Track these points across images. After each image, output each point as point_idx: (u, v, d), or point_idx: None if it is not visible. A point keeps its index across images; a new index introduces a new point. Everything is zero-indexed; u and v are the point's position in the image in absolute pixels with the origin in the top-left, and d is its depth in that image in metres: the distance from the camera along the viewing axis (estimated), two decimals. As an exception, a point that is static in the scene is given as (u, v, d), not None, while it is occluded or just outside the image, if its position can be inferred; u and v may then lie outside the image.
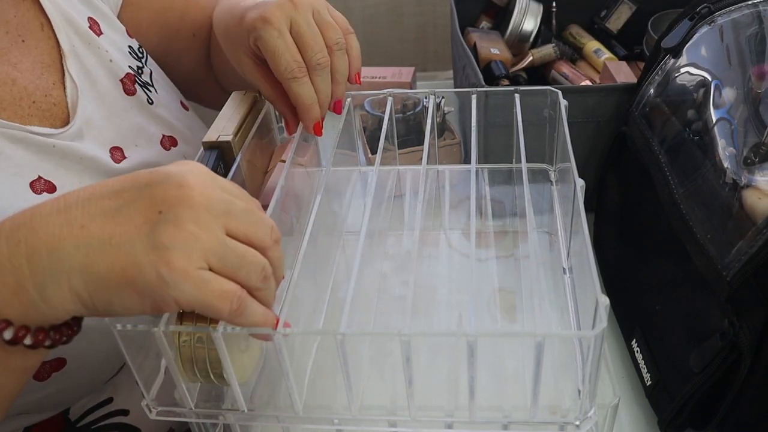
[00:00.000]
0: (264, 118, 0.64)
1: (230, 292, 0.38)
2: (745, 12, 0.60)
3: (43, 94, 0.59)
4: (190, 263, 0.37)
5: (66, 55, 0.61)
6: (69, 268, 0.37)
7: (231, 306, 0.38)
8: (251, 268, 0.39)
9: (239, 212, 0.39)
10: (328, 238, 0.68)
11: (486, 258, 0.69)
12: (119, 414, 0.64)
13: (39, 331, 0.39)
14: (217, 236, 0.38)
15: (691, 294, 0.57)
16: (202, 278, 0.37)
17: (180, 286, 0.37)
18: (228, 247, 0.38)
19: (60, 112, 0.60)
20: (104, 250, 0.37)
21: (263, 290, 0.41)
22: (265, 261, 0.40)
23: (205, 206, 0.38)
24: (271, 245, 0.41)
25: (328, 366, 0.56)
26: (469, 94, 0.65)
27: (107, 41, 0.66)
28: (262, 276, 0.40)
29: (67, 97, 0.60)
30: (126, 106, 0.65)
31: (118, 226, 0.37)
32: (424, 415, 0.46)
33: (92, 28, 0.65)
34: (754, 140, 0.51)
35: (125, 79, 0.66)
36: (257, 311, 0.40)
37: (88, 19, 0.65)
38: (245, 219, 0.40)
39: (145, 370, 0.47)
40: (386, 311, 0.64)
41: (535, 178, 0.66)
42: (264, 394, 0.53)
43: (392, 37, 1.41)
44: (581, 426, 0.44)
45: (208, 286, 0.37)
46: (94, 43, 0.64)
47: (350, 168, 0.72)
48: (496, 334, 0.54)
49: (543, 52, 0.98)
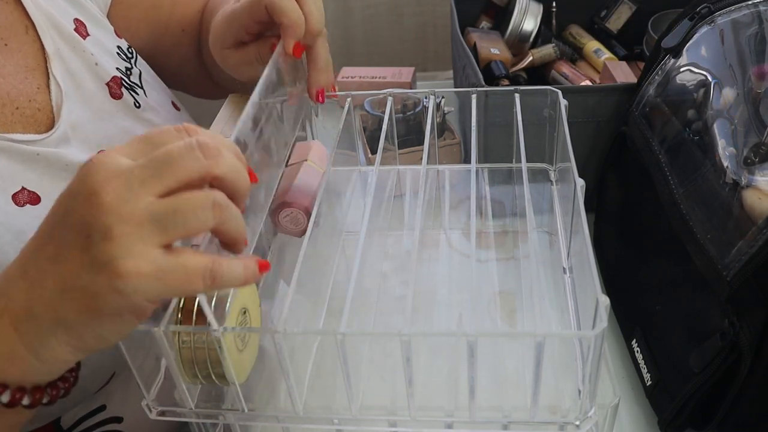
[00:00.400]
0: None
1: (196, 267, 0.36)
2: (745, 12, 0.60)
3: (27, 99, 0.58)
4: (138, 262, 0.35)
5: (50, 58, 0.60)
6: (49, 327, 0.37)
7: (203, 281, 0.36)
8: (199, 212, 0.36)
9: (155, 166, 0.36)
10: (328, 238, 0.68)
11: (486, 258, 0.69)
12: (113, 421, 0.63)
13: (36, 390, 0.39)
14: (146, 214, 0.35)
15: (691, 294, 0.57)
16: (158, 269, 0.35)
17: (142, 288, 0.35)
18: (162, 214, 0.35)
19: (44, 118, 0.58)
20: (65, 297, 0.36)
21: (225, 223, 0.37)
22: (207, 193, 0.36)
23: (118, 200, 0.35)
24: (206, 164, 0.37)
25: (328, 366, 0.56)
26: (469, 94, 0.65)
27: (94, 43, 0.65)
28: (217, 210, 0.37)
29: (51, 101, 0.59)
30: (112, 110, 0.64)
31: (65, 268, 0.36)
32: (424, 415, 0.46)
33: (78, 29, 0.64)
34: (754, 140, 0.51)
35: (111, 83, 0.65)
36: (235, 271, 0.38)
37: (75, 20, 0.64)
38: (165, 166, 0.36)
39: (145, 370, 0.47)
40: (386, 311, 0.64)
41: (535, 178, 0.66)
42: (264, 394, 0.53)
43: (392, 37, 1.41)
44: (581, 426, 0.44)
45: (169, 276, 0.36)
46: (80, 46, 0.63)
47: (350, 168, 0.72)
48: (496, 334, 0.54)
49: (543, 52, 0.98)
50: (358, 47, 1.43)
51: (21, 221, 0.54)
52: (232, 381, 0.45)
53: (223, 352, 0.43)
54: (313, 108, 0.71)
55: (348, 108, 0.65)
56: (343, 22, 1.39)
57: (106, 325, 0.37)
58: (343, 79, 1.07)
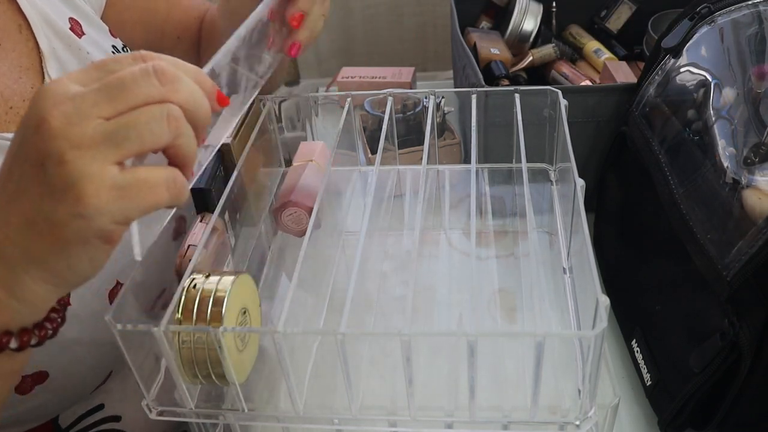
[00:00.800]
0: (263, 120, 0.64)
1: (158, 180, 0.35)
2: (745, 12, 0.60)
3: (21, 99, 0.57)
4: (95, 182, 0.34)
5: (46, 57, 0.60)
6: (20, 265, 0.36)
7: (169, 191, 0.36)
8: (152, 126, 0.35)
9: (107, 89, 0.35)
10: (328, 238, 0.68)
11: (486, 258, 0.69)
12: (111, 420, 0.63)
13: (23, 332, 0.39)
14: (97, 134, 0.34)
15: (691, 294, 0.57)
16: (118, 187, 0.34)
17: (105, 209, 0.34)
18: (114, 132, 0.34)
19: None
20: (31, 233, 0.35)
21: (180, 137, 0.36)
22: (161, 106, 0.35)
23: (67, 124, 0.34)
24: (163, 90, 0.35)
25: (328, 366, 0.56)
26: (469, 94, 0.65)
27: (89, 42, 0.65)
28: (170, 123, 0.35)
29: None
30: None
31: (25, 203, 0.35)
32: (424, 415, 0.46)
33: (73, 29, 0.64)
34: (754, 140, 0.51)
35: None
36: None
37: (70, 19, 0.64)
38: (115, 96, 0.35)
39: (145, 370, 0.47)
40: (386, 311, 0.64)
41: (535, 177, 0.66)
42: (264, 394, 0.53)
43: (392, 37, 1.41)
44: (581, 426, 0.44)
45: (131, 192, 0.35)
46: (75, 44, 0.63)
47: (350, 168, 0.72)
48: (496, 334, 0.54)
49: (543, 52, 0.98)
50: (358, 47, 1.43)
51: None
52: (232, 381, 0.45)
53: (223, 352, 0.43)
54: (313, 108, 0.71)
55: (348, 108, 0.65)
56: (343, 22, 1.40)
57: (75, 255, 0.36)
58: (343, 79, 1.07)
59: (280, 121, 0.72)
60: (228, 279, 0.45)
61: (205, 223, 0.52)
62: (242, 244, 0.61)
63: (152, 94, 0.35)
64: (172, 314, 0.44)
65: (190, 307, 0.44)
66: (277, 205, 0.62)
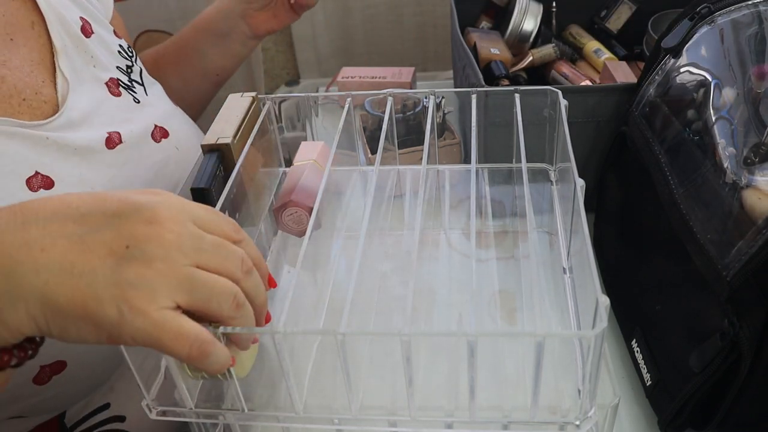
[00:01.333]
0: (263, 120, 0.64)
1: (189, 334, 0.37)
2: (745, 12, 0.60)
3: (33, 92, 0.59)
4: (153, 303, 0.36)
5: (58, 53, 0.62)
6: (28, 293, 0.36)
7: (189, 350, 0.37)
8: (222, 298, 0.39)
9: (209, 247, 0.39)
10: (328, 238, 0.68)
11: (486, 258, 0.69)
12: (115, 420, 0.64)
13: (3, 352, 0.38)
14: (185, 272, 0.37)
15: (691, 294, 0.57)
16: (161, 319, 0.36)
17: (138, 324, 0.36)
18: (196, 280, 0.38)
19: (50, 109, 0.59)
20: (65, 278, 0.36)
21: (238, 318, 0.40)
22: (236, 289, 0.40)
23: (176, 244, 0.37)
24: (242, 277, 0.40)
25: (328, 366, 0.56)
26: (469, 94, 0.65)
27: (97, 41, 0.67)
28: (234, 304, 0.39)
29: (57, 93, 0.60)
30: (113, 105, 0.66)
31: (82, 254, 0.36)
32: (424, 415, 0.46)
33: (84, 28, 0.65)
34: (754, 140, 0.51)
35: (109, 83, 0.66)
36: (221, 358, 0.40)
37: (80, 18, 0.66)
38: (215, 253, 0.39)
39: (145, 370, 0.47)
40: (386, 311, 0.64)
41: (535, 178, 0.66)
42: (264, 394, 0.53)
43: (392, 37, 1.41)
44: (581, 426, 0.44)
45: (165, 326, 0.36)
46: (82, 45, 0.65)
47: (350, 168, 0.72)
48: (496, 334, 0.54)
49: (543, 52, 0.98)
50: (358, 47, 1.43)
51: None
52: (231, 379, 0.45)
53: (223, 352, 0.43)
54: (313, 108, 0.71)
55: (348, 108, 0.65)
56: (343, 22, 1.39)
57: (81, 326, 0.37)
58: (343, 79, 1.07)
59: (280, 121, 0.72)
60: (228, 279, 0.45)
61: (205, 223, 0.52)
62: (242, 244, 0.61)
63: (234, 273, 0.40)
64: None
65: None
66: (278, 205, 0.62)
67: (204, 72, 0.87)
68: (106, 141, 0.62)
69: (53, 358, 0.56)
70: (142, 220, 0.37)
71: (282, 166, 0.71)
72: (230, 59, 0.86)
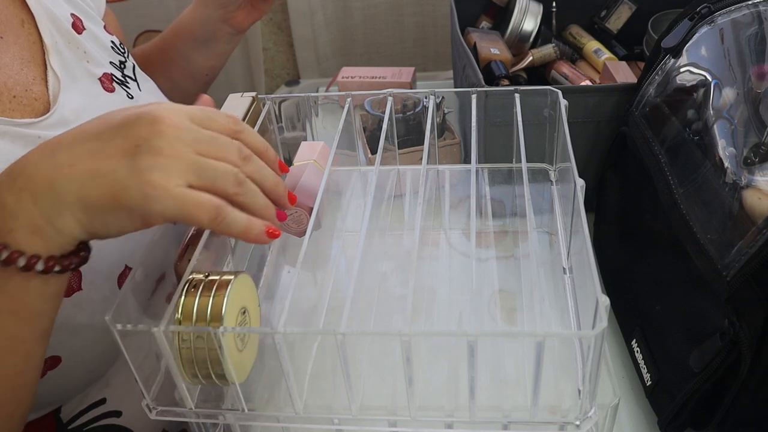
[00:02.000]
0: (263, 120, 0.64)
1: (208, 203, 0.43)
2: (745, 12, 0.60)
3: (24, 89, 0.59)
4: (169, 181, 0.42)
5: (49, 51, 0.61)
6: (69, 201, 0.42)
7: (209, 215, 0.42)
8: (226, 177, 0.44)
9: (207, 138, 0.44)
10: (328, 238, 0.69)
11: (486, 258, 0.69)
12: (112, 415, 0.64)
13: (49, 258, 0.44)
14: (191, 157, 0.43)
15: (691, 294, 0.57)
16: (181, 193, 0.42)
17: (163, 201, 0.41)
18: (200, 164, 0.43)
19: (41, 107, 0.59)
20: (95, 180, 0.42)
21: (242, 194, 0.45)
22: (235, 170, 0.45)
23: (177, 136, 0.43)
24: (240, 163, 0.46)
25: (328, 366, 0.56)
26: (469, 94, 0.65)
27: (89, 37, 0.66)
28: (236, 181, 0.44)
29: (48, 91, 0.60)
30: (107, 101, 0.65)
31: (103, 161, 0.42)
32: (424, 415, 0.46)
33: (75, 24, 0.65)
34: (754, 140, 0.51)
35: (103, 79, 0.66)
36: (238, 219, 0.44)
37: (71, 15, 0.66)
38: (213, 143, 0.45)
39: (145, 370, 0.47)
40: (386, 311, 0.64)
41: (535, 178, 0.66)
42: (264, 394, 0.53)
43: (392, 37, 1.41)
44: (581, 426, 0.44)
45: (187, 198, 0.42)
46: (75, 41, 0.64)
47: (350, 168, 0.72)
48: (496, 334, 0.54)
49: (543, 52, 0.98)
50: (358, 47, 1.43)
51: None
52: (232, 381, 0.45)
53: (223, 352, 0.43)
54: (313, 108, 0.71)
55: (348, 108, 0.65)
56: (343, 22, 1.39)
57: (117, 216, 0.43)
58: (343, 79, 1.07)
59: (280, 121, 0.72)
60: (228, 279, 0.45)
61: (205, 223, 0.52)
62: (242, 244, 0.61)
63: (233, 159, 0.45)
64: (172, 314, 0.44)
65: (189, 307, 0.44)
66: None
67: (192, 74, 0.86)
68: None
69: (48, 353, 0.56)
70: (146, 123, 0.43)
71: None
72: (216, 58, 0.86)
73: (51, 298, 0.47)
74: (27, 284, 0.44)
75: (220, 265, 0.56)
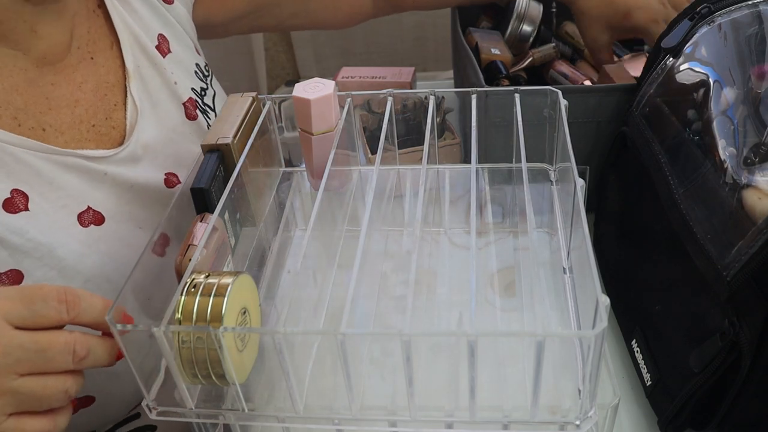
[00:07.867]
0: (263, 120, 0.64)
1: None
2: (745, 12, 0.60)
3: (104, 117, 0.59)
4: None
5: (130, 76, 0.61)
6: None
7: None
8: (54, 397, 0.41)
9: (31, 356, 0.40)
10: (328, 237, 0.68)
11: (486, 258, 0.69)
12: (147, 430, 0.64)
13: None
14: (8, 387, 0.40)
15: (691, 294, 0.57)
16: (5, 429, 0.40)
17: None
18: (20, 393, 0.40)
19: (117, 136, 0.59)
20: None
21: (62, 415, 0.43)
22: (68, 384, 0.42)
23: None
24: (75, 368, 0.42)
25: (328, 366, 0.56)
26: (469, 94, 0.65)
27: (173, 60, 0.66)
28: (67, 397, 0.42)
29: (126, 120, 0.60)
30: (186, 131, 0.65)
31: None
32: (424, 415, 0.46)
33: (160, 46, 0.65)
34: (754, 140, 0.51)
35: (188, 104, 0.66)
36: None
37: (159, 36, 0.65)
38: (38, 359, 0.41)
39: (145, 370, 0.47)
40: (386, 311, 0.64)
41: (535, 177, 0.65)
42: (264, 394, 0.53)
43: (392, 37, 1.41)
44: (581, 426, 0.44)
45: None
46: (160, 64, 0.64)
47: (350, 168, 0.72)
48: (496, 334, 0.54)
49: (543, 52, 0.98)
50: (358, 47, 1.43)
51: (83, 242, 0.55)
52: (232, 381, 0.45)
53: (223, 352, 0.43)
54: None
55: (348, 108, 0.65)
56: (343, 22, 1.39)
57: None
58: (343, 79, 1.07)
59: (280, 121, 0.72)
60: (228, 279, 0.45)
61: (205, 223, 0.52)
62: (242, 244, 0.61)
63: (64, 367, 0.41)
64: (172, 314, 0.44)
65: (189, 307, 0.44)
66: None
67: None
68: (166, 179, 0.62)
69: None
70: None
71: (282, 166, 0.71)
72: None
73: None
74: None
75: (220, 265, 0.56)
